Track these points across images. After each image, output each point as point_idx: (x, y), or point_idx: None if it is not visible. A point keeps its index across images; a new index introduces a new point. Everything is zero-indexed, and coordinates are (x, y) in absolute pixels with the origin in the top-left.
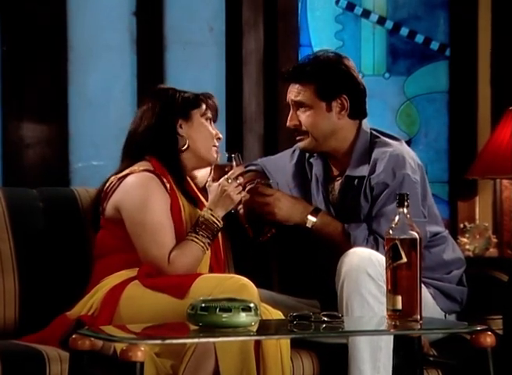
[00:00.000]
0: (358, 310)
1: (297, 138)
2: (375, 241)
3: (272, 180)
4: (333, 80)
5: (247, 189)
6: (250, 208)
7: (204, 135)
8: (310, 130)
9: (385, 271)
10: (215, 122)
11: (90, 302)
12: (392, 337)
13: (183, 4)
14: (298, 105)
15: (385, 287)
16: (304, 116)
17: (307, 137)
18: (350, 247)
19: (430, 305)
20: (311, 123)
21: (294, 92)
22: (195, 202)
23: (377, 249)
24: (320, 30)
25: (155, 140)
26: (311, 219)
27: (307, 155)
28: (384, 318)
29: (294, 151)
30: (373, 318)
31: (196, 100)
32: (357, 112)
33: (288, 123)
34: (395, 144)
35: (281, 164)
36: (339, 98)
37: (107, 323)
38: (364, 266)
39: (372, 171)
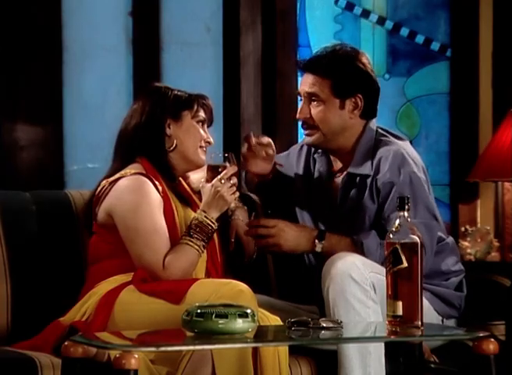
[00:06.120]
0: (344, 315)
1: (305, 132)
2: None
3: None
4: (350, 78)
5: (248, 222)
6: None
7: (193, 137)
8: (320, 125)
9: (369, 274)
10: (209, 125)
11: (83, 308)
12: None
13: (179, 4)
14: (311, 96)
15: (370, 291)
16: (315, 111)
17: (315, 132)
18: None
19: (426, 309)
20: (322, 118)
21: (309, 83)
22: (188, 204)
23: None
24: (319, 30)
25: (143, 139)
26: (319, 244)
27: (313, 151)
28: (381, 323)
29: (302, 146)
30: (372, 323)
31: (188, 100)
32: (369, 112)
33: (298, 115)
34: (400, 143)
35: (290, 162)
36: (353, 97)
37: (101, 329)
38: (347, 270)
39: (377, 171)
